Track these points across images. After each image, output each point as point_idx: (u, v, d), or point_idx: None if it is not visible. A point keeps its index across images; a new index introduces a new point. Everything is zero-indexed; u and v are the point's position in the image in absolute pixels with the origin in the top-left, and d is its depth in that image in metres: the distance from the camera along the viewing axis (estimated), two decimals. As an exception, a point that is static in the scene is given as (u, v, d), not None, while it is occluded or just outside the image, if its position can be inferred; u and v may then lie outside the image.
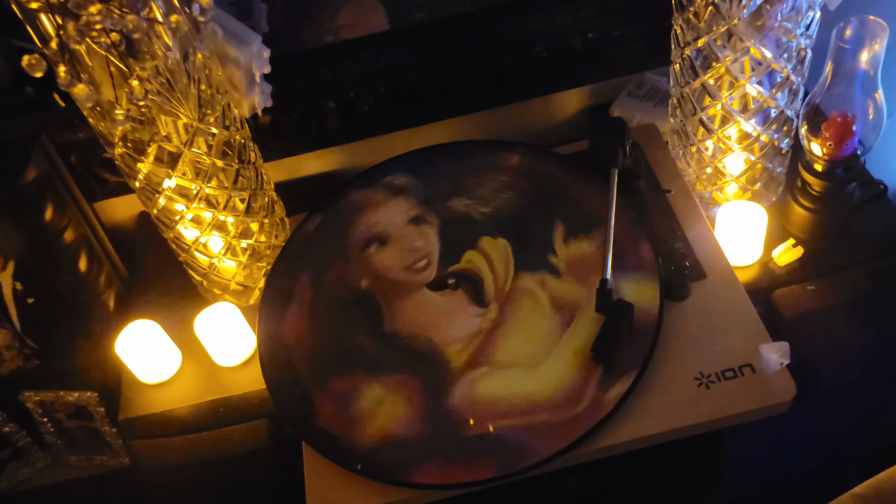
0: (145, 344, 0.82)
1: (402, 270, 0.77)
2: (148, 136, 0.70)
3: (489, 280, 0.75)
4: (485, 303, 0.74)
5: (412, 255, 0.78)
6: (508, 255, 0.76)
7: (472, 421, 0.67)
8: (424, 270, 0.77)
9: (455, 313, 0.74)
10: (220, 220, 0.78)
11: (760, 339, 0.70)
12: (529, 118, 1.01)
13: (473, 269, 0.76)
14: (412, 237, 0.79)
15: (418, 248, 0.78)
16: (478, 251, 0.77)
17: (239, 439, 0.79)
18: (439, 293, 0.76)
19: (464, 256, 0.77)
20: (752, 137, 0.78)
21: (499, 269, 0.75)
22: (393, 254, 0.78)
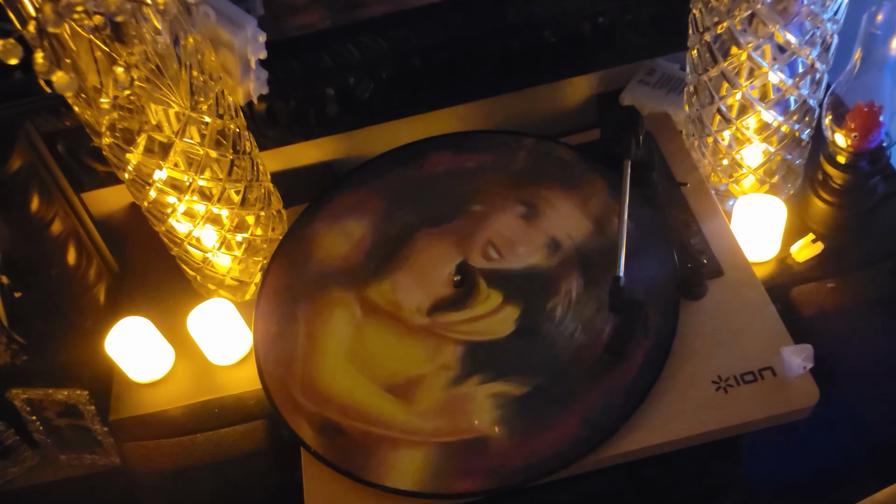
0: (137, 342, 0.79)
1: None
2: (137, 126, 0.66)
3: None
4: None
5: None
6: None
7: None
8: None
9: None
10: (213, 213, 0.75)
11: (781, 341, 0.66)
12: (536, 106, 0.98)
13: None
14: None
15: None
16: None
17: (234, 441, 0.76)
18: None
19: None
20: (773, 128, 0.74)
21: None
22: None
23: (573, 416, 0.63)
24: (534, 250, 0.72)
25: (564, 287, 0.70)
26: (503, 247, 0.73)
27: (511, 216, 0.75)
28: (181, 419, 0.78)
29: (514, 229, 0.74)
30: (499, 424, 0.64)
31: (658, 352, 0.65)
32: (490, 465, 0.62)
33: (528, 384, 0.65)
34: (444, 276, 0.73)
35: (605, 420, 0.63)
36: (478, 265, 0.73)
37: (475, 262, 0.73)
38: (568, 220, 0.74)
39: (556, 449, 0.62)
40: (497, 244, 0.73)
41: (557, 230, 0.73)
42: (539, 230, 0.74)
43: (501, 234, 0.74)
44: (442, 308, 0.71)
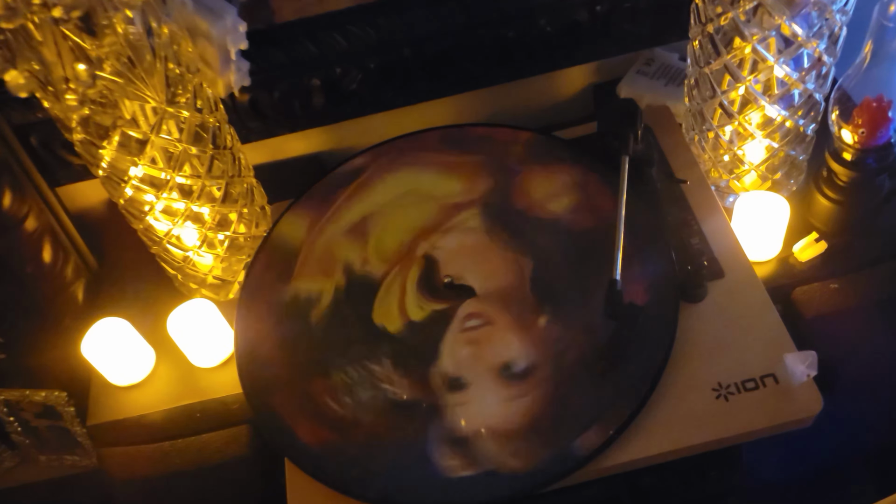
0: (115, 344, 0.76)
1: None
2: (110, 121, 0.63)
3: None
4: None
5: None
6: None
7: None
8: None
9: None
10: (194, 210, 0.72)
11: (783, 346, 0.64)
12: (530, 97, 0.95)
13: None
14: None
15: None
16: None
17: (217, 448, 0.74)
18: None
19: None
20: (776, 123, 0.71)
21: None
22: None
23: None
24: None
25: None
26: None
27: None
28: (162, 424, 0.75)
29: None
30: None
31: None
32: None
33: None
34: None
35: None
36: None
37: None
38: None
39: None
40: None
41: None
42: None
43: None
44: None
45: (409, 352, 0.66)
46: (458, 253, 0.71)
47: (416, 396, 0.64)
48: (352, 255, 0.72)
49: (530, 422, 0.62)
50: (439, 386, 0.64)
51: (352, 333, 0.67)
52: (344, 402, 0.64)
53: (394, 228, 0.73)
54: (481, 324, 0.67)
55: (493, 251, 0.71)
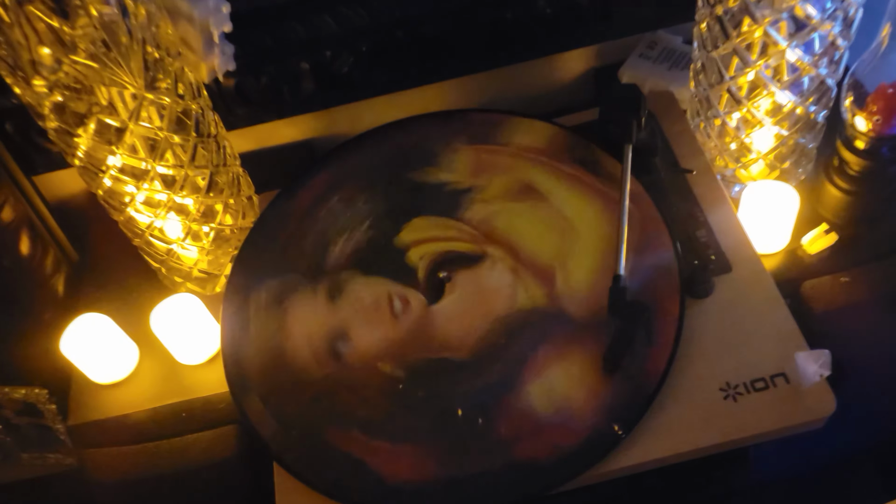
0: (96, 340, 0.73)
1: (394, 325, 0.65)
2: (85, 108, 0.59)
3: (458, 244, 0.67)
4: (480, 255, 0.66)
5: (379, 311, 0.66)
6: (433, 220, 0.70)
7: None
8: (409, 308, 0.66)
9: (482, 288, 0.65)
10: (177, 201, 0.69)
11: (794, 344, 0.61)
12: (528, 82, 0.92)
13: (439, 250, 0.67)
14: (358, 305, 0.67)
15: (374, 299, 0.66)
16: (414, 247, 0.68)
17: (203, 448, 0.71)
18: (449, 297, 0.66)
19: (412, 259, 0.68)
20: (786, 110, 0.68)
21: (447, 233, 0.68)
22: (366, 334, 0.65)
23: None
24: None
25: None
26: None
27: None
28: (145, 424, 0.73)
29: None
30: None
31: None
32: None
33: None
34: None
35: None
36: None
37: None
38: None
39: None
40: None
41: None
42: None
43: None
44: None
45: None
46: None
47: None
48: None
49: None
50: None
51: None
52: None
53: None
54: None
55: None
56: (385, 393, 0.62)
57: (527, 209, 0.68)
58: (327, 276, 0.68)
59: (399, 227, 0.70)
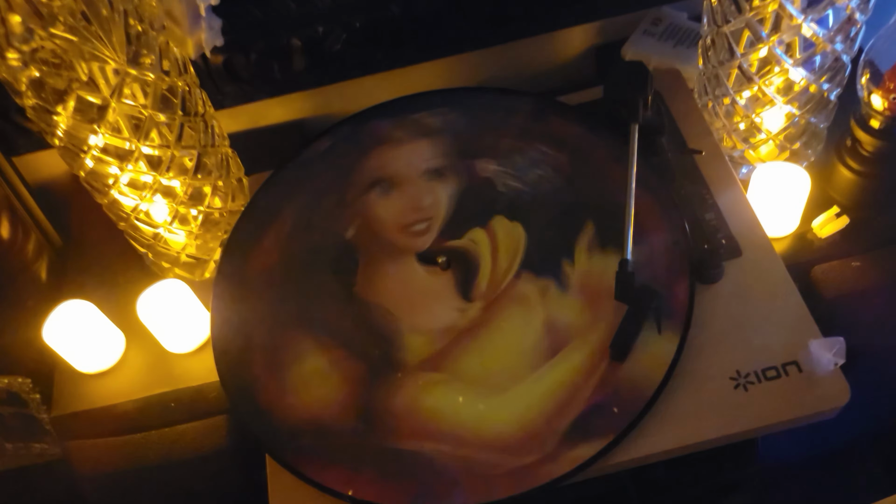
0: (81, 328, 0.70)
1: (397, 229, 0.66)
2: (64, 84, 0.56)
3: (486, 270, 0.64)
4: (470, 297, 0.62)
5: (414, 214, 0.67)
6: (519, 246, 0.64)
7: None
8: (421, 236, 0.66)
9: (435, 298, 0.63)
10: (163, 183, 0.66)
11: (807, 331, 0.59)
12: (527, 60, 0.89)
13: (472, 252, 0.65)
14: (421, 192, 0.68)
15: (423, 207, 0.67)
16: (486, 231, 0.65)
17: (193, 439, 0.69)
18: (426, 268, 0.64)
19: (467, 234, 0.65)
20: (800, 88, 0.66)
21: (501, 261, 0.64)
22: (393, 206, 0.67)
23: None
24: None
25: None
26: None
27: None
28: (133, 414, 0.70)
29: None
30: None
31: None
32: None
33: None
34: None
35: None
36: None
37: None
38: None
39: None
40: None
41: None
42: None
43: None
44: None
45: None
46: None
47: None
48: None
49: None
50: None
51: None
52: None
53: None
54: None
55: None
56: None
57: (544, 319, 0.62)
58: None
59: (509, 215, 0.67)
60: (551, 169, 0.68)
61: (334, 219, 0.68)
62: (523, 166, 0.68)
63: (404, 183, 0.68)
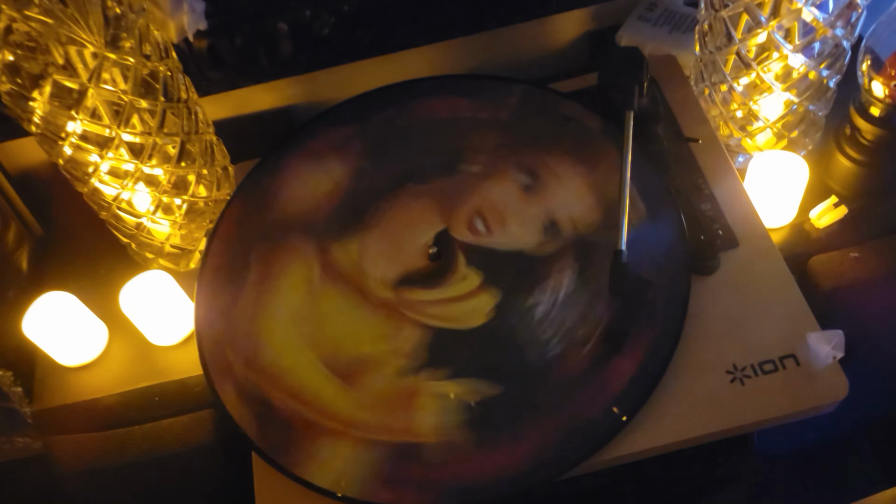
0: (62, 320, 0.69)
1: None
2: (39, 68, 0.54)
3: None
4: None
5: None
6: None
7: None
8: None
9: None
10: (145, 171, 0.64)
11: (805, 323, 0.58)
12: (520, 46, 0.87)
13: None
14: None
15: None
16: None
17: (178, 434, 0.67)
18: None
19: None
20: (799, 74, 0.64)
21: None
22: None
23: (554, 422, 0.55)
24: (528, 231, 0.62)
25: (554, 282, 0.60)
26: (493, 221, 0.63)
27: (508, 184, 0.64)
28: (116, 409, 0.69)
29: (510, 201, 0.64)
30: (446, 431, 0.55)
31: (666, 338, 0.57)
32: (426, 476, 0.54)
33: (493, 389, 0.56)
34: (420, 246, 0.63)
35: (598, 425, 0.54)
36: (460, 237, 0.62)
37: (458, 234, 0.63)
38: (574, 199, 0.63)
39: (530, 459, 0.54)
40: (487, 216, 0.63)
41: (560, 211, 0.63)
42: (539, 207, 0.63)
43: (494, 205, 0.64)
44: (411, 282, 0.61)
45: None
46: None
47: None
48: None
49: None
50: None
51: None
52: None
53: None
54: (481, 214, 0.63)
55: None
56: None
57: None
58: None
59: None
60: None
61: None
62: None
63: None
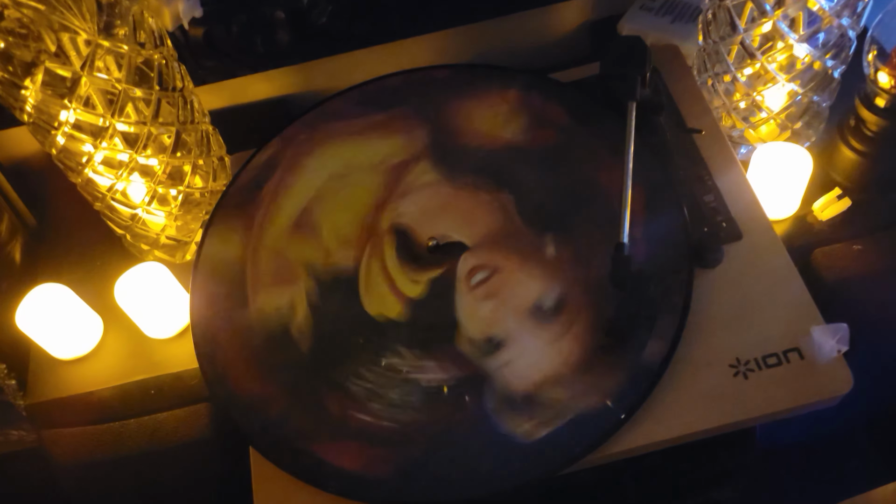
0: (56, 313, 0.68)
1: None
2: (31, 56, 0.53)
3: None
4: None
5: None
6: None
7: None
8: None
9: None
10: (140, 162, 0.63)
11: (809, 317, 0.57)
12: (519, 35, 0.87)
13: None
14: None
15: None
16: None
17: (174, 428, 0.67)
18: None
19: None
20: (803, 65, 0.63)
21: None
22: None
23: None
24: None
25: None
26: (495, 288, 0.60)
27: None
28: (111, 402, 0.69)
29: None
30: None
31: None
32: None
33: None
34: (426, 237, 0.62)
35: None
36: (461, 271, 0.60)
37: (462, 267, 0.60)
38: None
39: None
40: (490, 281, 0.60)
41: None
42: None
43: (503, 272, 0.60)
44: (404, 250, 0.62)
45: (424, 331, 0.58)
46: (427, 212, 0.63)
47: (453, 374, 0.56)
48: (309, 253, 0.62)
49: (584, 354, 0.55)
50: (474, 354, 0.57)
51: (349, 335, 0.59)
52: (373, 410, 0.56)
53: (344, 210, 0.64)
54: (489, 274, 0.60)
55: (464, 197, 0.63)
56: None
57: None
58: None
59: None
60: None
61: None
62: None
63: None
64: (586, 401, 0.54)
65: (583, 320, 0.57)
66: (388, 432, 0.55)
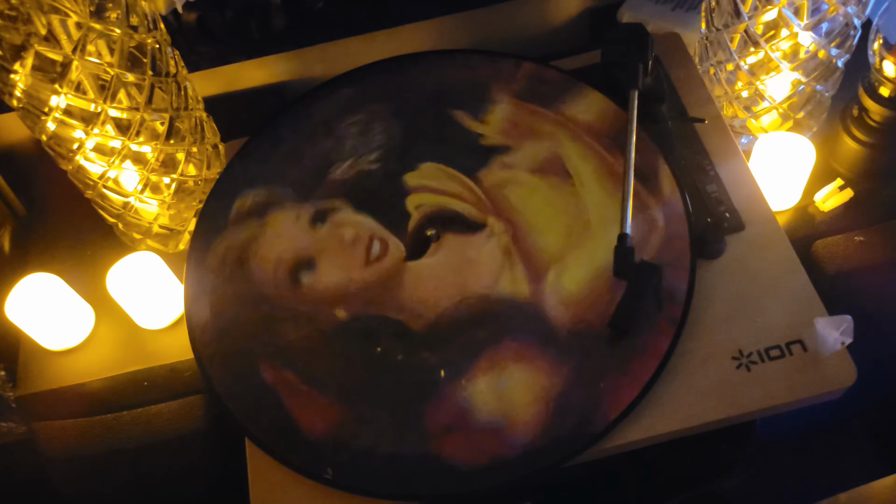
0: (47, 303, 0.67)
1: (363, 269, 0.60)
2: (21, 39, 0.52)
3: (461, 203, 0.62)
4: (480, 223, 0.61)
5: (355, 249, 0.61)
6: (446, 171, 0.64)
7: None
8: (385, 255, 0.61)
9: (466, 259, 0.60)
10: (133, 149, 0.62)
11: (812, 308, 0.57)
12: (519, 22, 0.85)
13: (439, 204, 0.62)
14: (337, 237, 0.62)
15: (355, 237, 0.62)
16: (416, 193, 0.63)
17: (167, 420, 0.66)
18: (429, 257, 0.61)
19: (408, 206, 0.62)
20: (807, 53, 0.62)
21: (455, 188, 0.63)
22: (332, 269, 0.61)
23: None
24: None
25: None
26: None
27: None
28: (103, 394, 0.67)
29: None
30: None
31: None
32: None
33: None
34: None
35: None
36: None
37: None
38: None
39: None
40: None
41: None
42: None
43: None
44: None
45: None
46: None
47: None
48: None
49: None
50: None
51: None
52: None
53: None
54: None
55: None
56: (326, 339, 0.58)
57: (547, 188, 0.62)
58: (316, 200, 0.64)
59: (407, 168, 0.64)
60: (376, 121, 0.67)
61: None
62: (358, 137, 0.67)
63: (314, 250, 0.63)
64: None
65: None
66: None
